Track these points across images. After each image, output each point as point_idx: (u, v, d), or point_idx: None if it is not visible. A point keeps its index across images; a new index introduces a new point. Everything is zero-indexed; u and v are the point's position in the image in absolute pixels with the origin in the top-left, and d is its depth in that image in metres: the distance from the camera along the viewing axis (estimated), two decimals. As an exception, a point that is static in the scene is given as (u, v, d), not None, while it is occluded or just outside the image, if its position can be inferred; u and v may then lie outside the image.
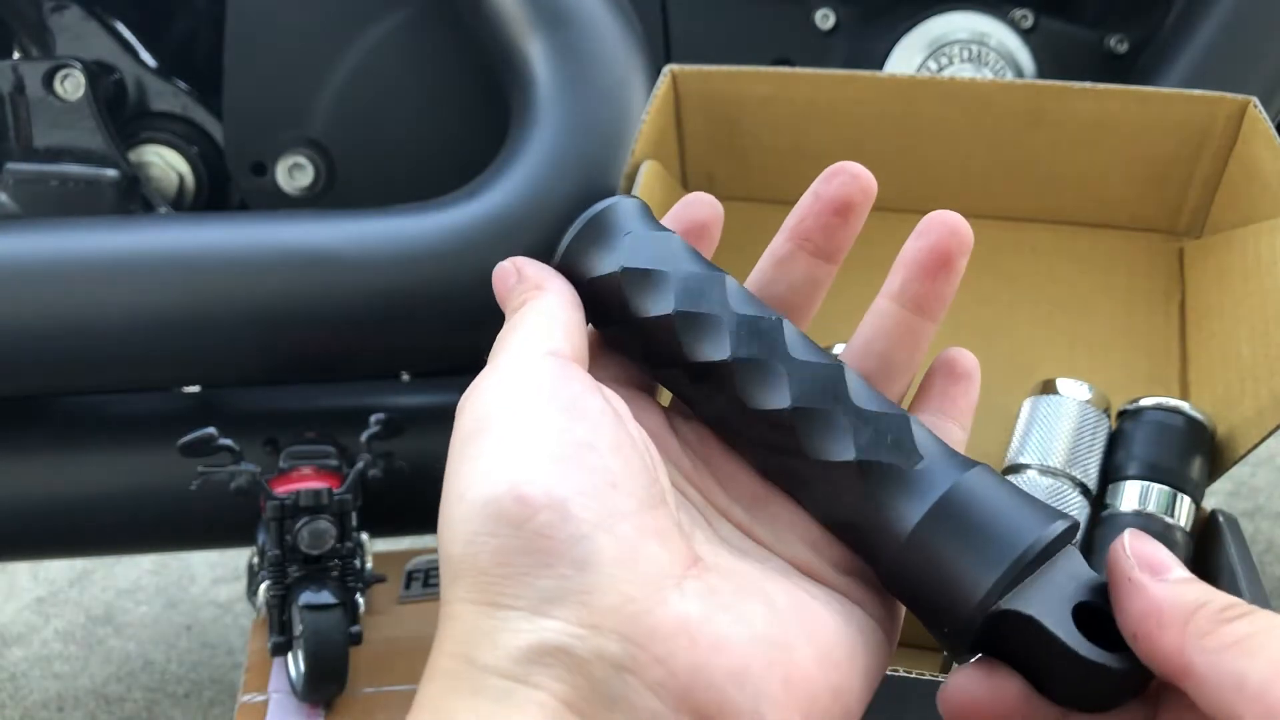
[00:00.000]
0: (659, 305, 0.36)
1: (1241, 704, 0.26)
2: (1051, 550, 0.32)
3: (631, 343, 0.37)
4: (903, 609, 0.36)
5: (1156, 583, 0.30)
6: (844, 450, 0.34)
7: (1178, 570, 0.30)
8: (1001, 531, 0.31)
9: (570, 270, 0.38)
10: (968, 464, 0.33)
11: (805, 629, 0.32)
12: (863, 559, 0.34)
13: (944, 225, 0.36)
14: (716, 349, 0.35)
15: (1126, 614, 0.30)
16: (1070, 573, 0.32)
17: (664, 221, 0.40)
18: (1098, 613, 0.31)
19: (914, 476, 0.33)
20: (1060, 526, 0.32)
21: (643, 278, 0.36)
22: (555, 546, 0.30)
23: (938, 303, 0.37)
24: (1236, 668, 0.27)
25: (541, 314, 0.36)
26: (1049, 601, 0.31)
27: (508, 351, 0.35)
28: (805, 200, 0.38)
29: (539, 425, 0.32)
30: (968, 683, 0.32)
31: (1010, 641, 0.31)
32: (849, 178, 0.37)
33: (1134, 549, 0.31)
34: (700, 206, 0.40)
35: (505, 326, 0.36)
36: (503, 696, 0.28)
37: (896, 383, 0.38)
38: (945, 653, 0.62)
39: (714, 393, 0.36)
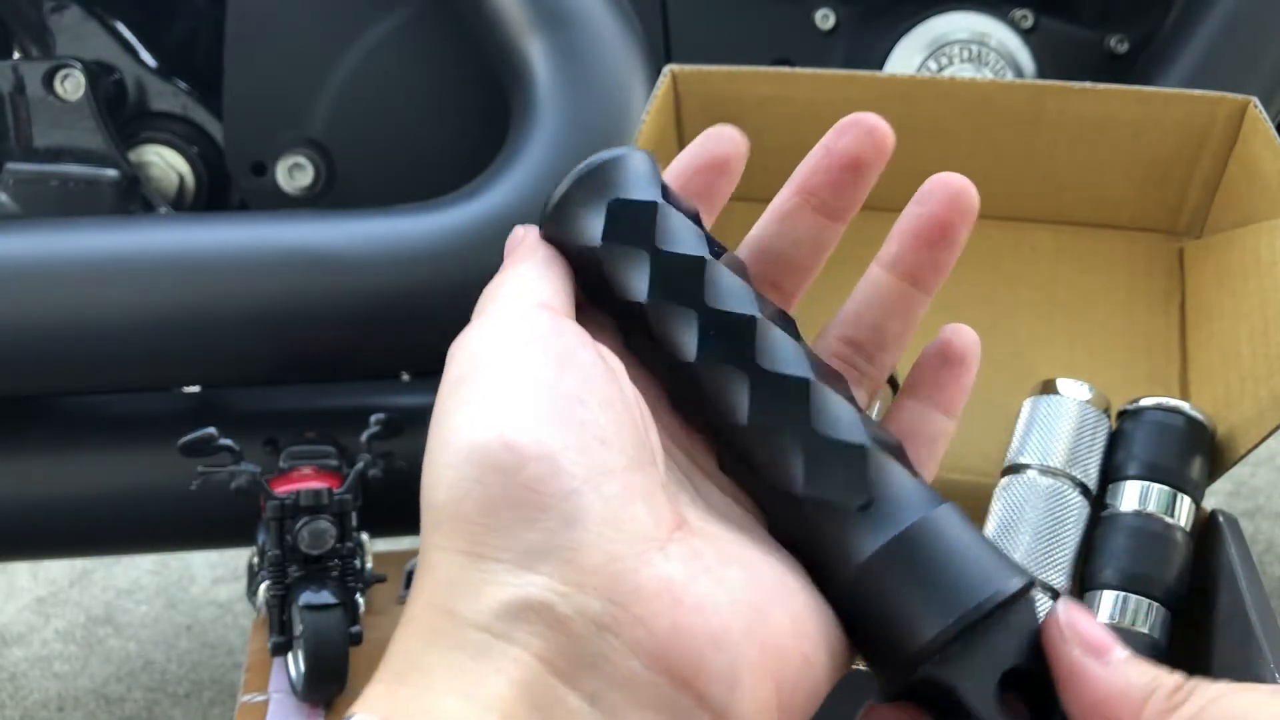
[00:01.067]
0: (635, 285, 0.34)
1: None
2: (1005, 607, 0.30)
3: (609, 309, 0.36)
4: None
5: (1103, 667, 0.30)
6: (793, 482, 0.32)
7: (1118, 650, 0.30)
8: (956, 579, 0.30)
9: (561, 222, 0.36)
10: (935, 501, 0.32)
11: (782, 596, 0.31)
12: (814, 580, 0.33)
13: (945, 190, 0.35)
14: (685, 345, 0.34)
15: (1077, 704, 0.30)
16: (1016, 630, 0.31)
17: (681, 157, 0.38)
18: (1031, 676, 0.30)
19: (870, 513, 0.32)
20: (1016, 584, 0.30)
21: (620, 255, 0.35)
22: (542, 500, 0.29)
23: (934, 274, 0.36)
24: None
25: (531, 269, 0.35)
26: (980, 669, 0.30)
27: (497, 302, 0.34)
28: (815, 153, 0.36)
29: (530, 375, 0.31)
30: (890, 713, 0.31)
31: (934, 702, 0.31)
32: (862, 132, 0.35)
33: (1071, 627, 0.30)
34: (722, 141, 0.37)
35: (493, 281, 0.35)
36: (481, 652, 0.28)
37: (888, 355, 0.37)
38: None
39: (680, 390, 0.34)
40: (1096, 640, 0.30)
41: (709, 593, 0.30)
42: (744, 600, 0.30)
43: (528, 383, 0.31)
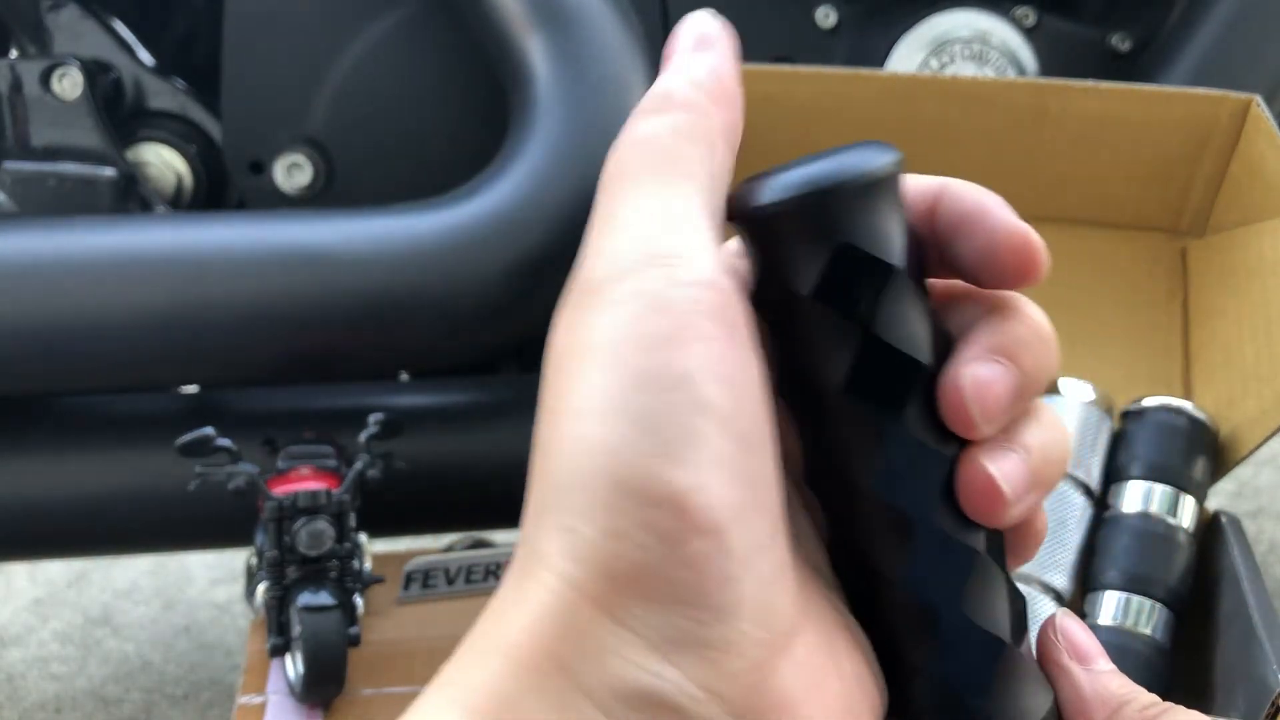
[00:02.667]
0: (832, 367, 0.29)
1: None
2: None
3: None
4: None
5: (1085, 672, 0.31)
6: (918, 655, 0.30)
7: (1103, 662, 0.31)
8: None
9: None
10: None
11: (860, 707, 0.29)
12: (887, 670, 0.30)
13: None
14: (866, 457, 0.29)
15: (1058, 703, 0.31)
16: None
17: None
18: None
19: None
20: None
21: (826, 321, 0.29)
22: (701, 584, 0.26)
23: None
24: None
25: (705, 166, 0.29)
26: None
27: (660, 225, 0.28)
28: None
29: (708, 388, 0.26)
30: None
31: None
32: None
33: (1064, 633, 0.32)
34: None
35: (640, 146, 0.29)
36: None
37: None
38: None
39: (825, 480, 0.30)
40: (1084, 648, 0.31)
41: (813, 717, 0.28)
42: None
43: (705, 401, 0.26)
